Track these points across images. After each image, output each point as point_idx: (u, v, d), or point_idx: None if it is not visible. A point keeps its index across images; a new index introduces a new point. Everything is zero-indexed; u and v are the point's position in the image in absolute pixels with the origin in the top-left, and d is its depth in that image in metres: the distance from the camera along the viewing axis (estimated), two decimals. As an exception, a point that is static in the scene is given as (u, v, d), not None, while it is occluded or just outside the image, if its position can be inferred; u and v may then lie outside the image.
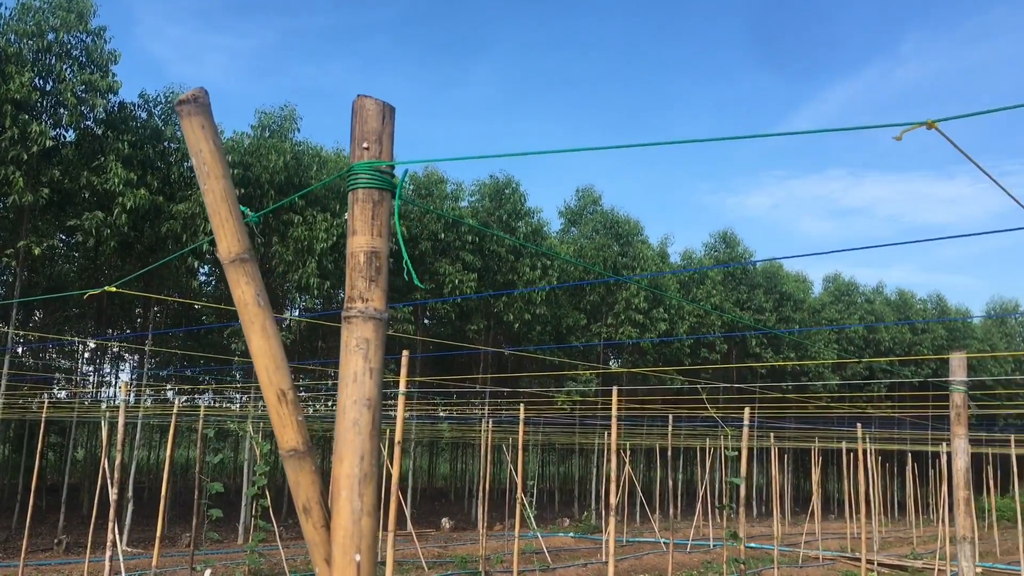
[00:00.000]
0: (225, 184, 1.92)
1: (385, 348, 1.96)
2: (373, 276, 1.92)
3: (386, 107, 1.99)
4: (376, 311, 1.91)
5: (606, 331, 33.82)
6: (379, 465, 1.90)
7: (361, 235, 1.93)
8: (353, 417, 1.85)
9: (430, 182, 29.92)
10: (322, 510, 1.90)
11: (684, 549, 23.93)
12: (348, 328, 1.90)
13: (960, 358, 5.13)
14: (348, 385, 1.87)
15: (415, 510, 33.79)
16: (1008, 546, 28.55)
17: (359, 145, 1.96)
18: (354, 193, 1.94)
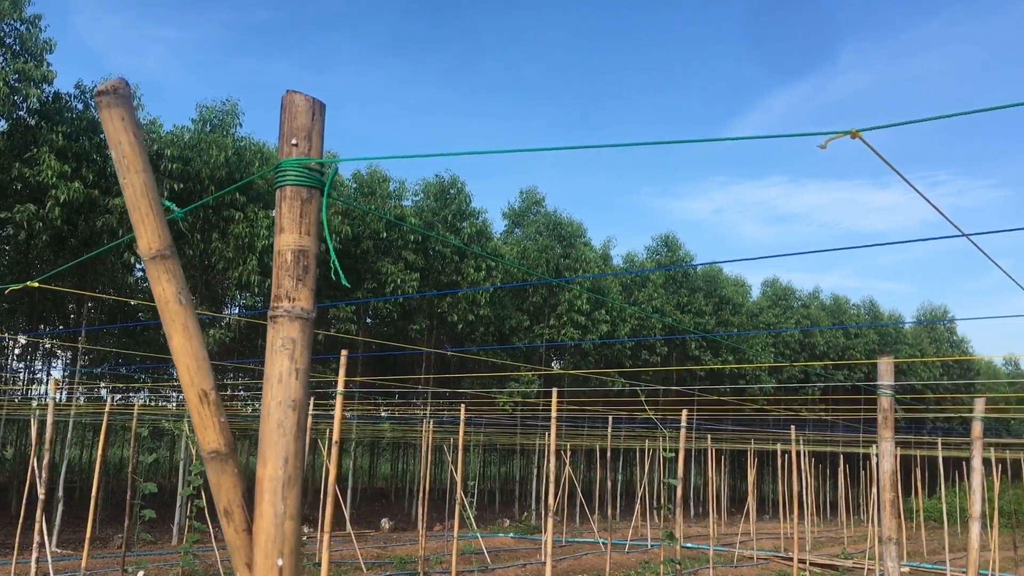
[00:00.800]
0: (146, 178, 1.87)
1: (314, 348, 1.93)
2: (300, 275, 1.89)
3: (316, 103, 1.96)
4: (303, 311, 1.88)
5: (548, 332, 33.94)
6: (304, 467, 1.87)
7: (289, 233, 1.89)
8: (278, 418, 1.82)
9: (373, 180, 29.71)
10: (244, 513, 1.87)
11: (623, 549, 24.11)
12: (274, 328, 1.87)
13: (887, 363, 5.23)
14: (273, 386, 1.84)
15: (355, 511, 33.52)
16: (934, 546, 29.33)
17: (288, 141, 1.92)
18: (282, 190, 1.91)
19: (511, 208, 38.07)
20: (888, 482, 5.20)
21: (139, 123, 1.89)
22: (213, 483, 1.87)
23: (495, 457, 52.12)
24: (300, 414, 1.84)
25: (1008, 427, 47.56)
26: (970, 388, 50.98)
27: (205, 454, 1.86)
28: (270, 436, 1.82)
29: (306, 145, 1.93)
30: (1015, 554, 25.68)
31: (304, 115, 1.94)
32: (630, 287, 39.02)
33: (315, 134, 1.95)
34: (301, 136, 1.92)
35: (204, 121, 24.79)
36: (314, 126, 1.95)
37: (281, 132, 1.94)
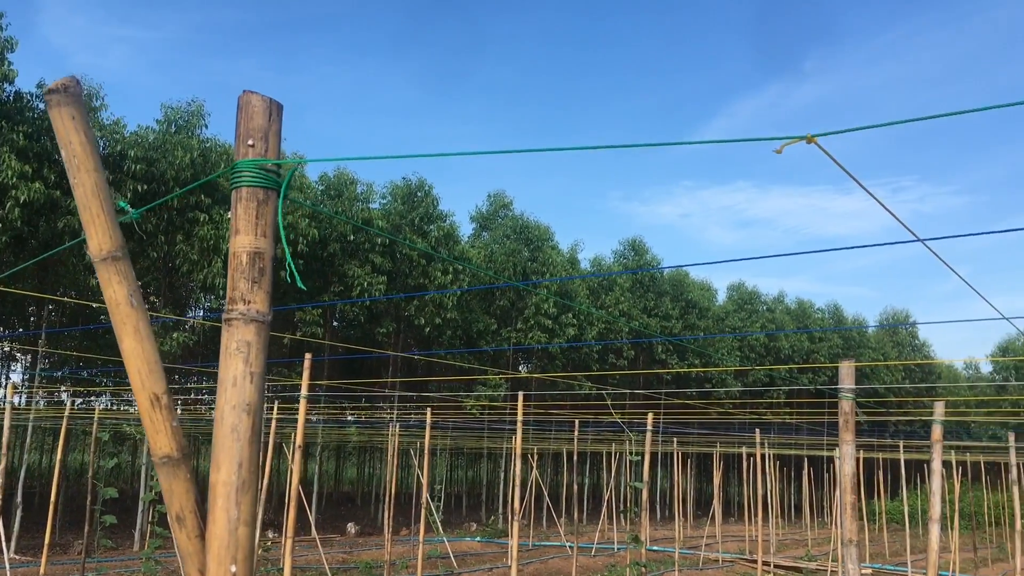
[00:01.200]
0: (97, 178, 1.83)
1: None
2: (256, 277, 1.86)
3: (273, 104, 1.93)
4: (259, 313, 1.85)
5: (516, 336, 33.94)
6: (259, 473, 1.84)
7: (244, 235, 1.87)
8: (232, 423, 1.79)
9: (340, 183, 29.54)
10: (197, 519, 1.84)
11: (589, 553, 24.16)
12: (228, 331, 1.84)
13: (849, 366, 5.29)
14: (227, 389, 1.81)
15: (320, 515, 33.24)
16: (896, 547, 29.70)
17: (244, 142, 1.90)
18: (238, 192, 1.88)
19: (479, 211, 38.06)
20: (849, 485, 5.25)
21: (89, 122, 1.86)
22: (165, 489, 1.84)
23: (462, 461, 51.98)
24: (255, 418, 1.82)
25: (968, 430, 48.33)
26: (931, 392, 51.71)
27: (157, 460, 1.83)
28: (224, 441, 1.79)
29: (263, 146, 1.90)
30: (975, 555, 26.05)
31: (261, 116, 1.91)
32: (597, 291, 39.13)
33: (272, 135, 1.92)
34: (257, 137, 1.90)
35: (169, 122, 24.51)
36: (271, 127, 1.92)
37: (237, 133, 1.92)
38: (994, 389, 51.10)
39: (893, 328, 58.88)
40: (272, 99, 1.93)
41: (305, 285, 28.89)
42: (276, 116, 1.94)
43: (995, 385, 51.76)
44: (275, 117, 1.94)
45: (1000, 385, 51.23)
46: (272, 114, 1.93)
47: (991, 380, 53.87)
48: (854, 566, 5.17)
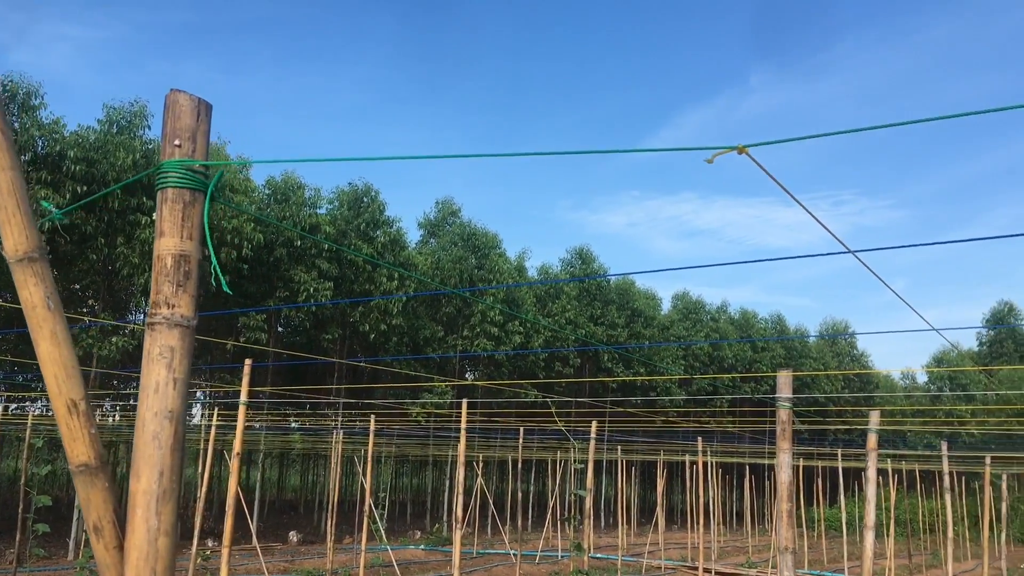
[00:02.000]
0: (13, 176, 1.77)
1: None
2: (181, 281, 1.82)
3: (202, 103, 1.89)
4: (183, 318, 1.81)
5: (462, 343, 33.87)
6: (181, 482, 1.79)
7: (169, 237, 1.82)
8: (153, 430, 1.75)
9: (287, 187, 29.21)
10: (115, 529, 1.78)
11: (533, 560, 24.16)
12: (151, 335, 1.79)
13: (786, 376, 5.36)
14: (149, 396, 1.76)
15: (263, 523, 32.77)
16: (834, 554, 30.21)
17: (170, 142, 1.85)
18: (163, 193, 1.84)
19: (427, 218, 37.94)
20: (786, 492, 5.31)
21: (7, 118, 1.79)
22: (83, 498, 1.78)
23: (408, 468, 51.66)
24: (177, 426, 1.77)
25: (905, 439, 49.43)
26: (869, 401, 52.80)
27: (73, 468, 1.77)
28: (145, 448, 1.75)
29: (190, 146, 1.86)
30: (910, 562, 26.63)
31: (188, 115, 1.87)
32: (544, 299, 39.24)
33: (200, 135, 1.88)
34: (185, 137, 1.86)
35: (111, 122, 24.02)
36: (199, 127, 1.88)
37: (164, 132, 1.88)
38: (929, 399, 52.34)
39: (833, 339, 60.02)
40: (201, 99, 1.89)
41: (249, 290, 28.50)
42: (205, 116, 1.90)
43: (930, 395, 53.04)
44: (204, 117, 1.89)
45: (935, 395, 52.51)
46: (201, 114, 1.89)
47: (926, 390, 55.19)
48: (790, 572, 5.23)
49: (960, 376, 51.88)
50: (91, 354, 24.52)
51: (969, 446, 44.03)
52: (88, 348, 23.78)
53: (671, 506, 52.60)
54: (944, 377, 52.96)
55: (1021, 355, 56.90)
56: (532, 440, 33.23)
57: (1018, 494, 39.33)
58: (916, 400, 52.63)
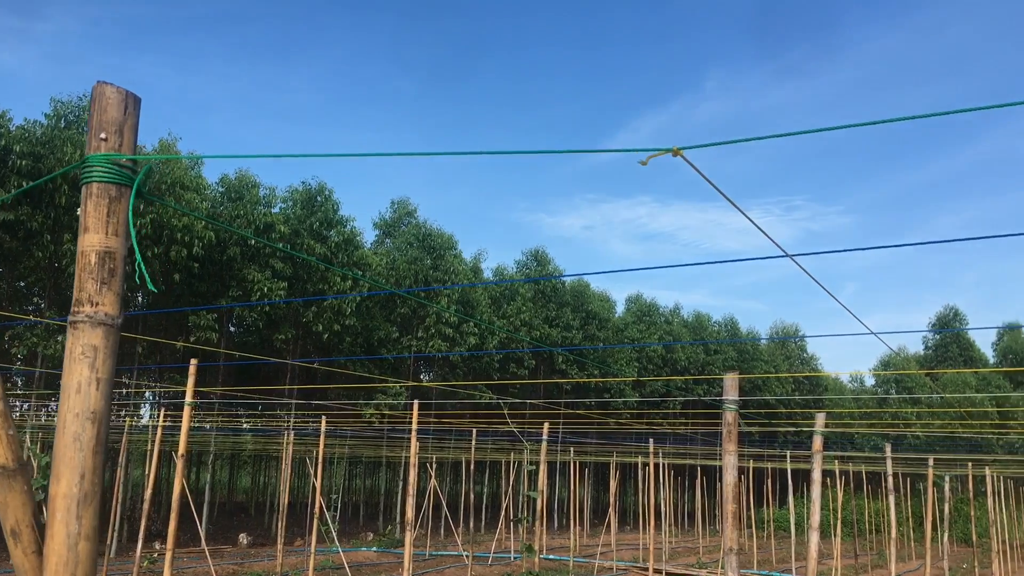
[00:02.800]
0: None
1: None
2: (105, 278, 1.77)
3: (130, 96, 1.84)
4: (107, 316, 1.76)
5: (417, 344, 33.73)
6: (103, 484, 1.75)
7: (94, 233, 1.77)
8: (75, 432, 1.70)
9: (241, 185, 28.86)
10: (34, 534, 1.73)
11: (486, 562, 24.12)
12: (74, 334, 1.74)
13: (733, 378, 5.40)
14: (71, 396, 1.71)
15: (212, 526, 32.32)
16: (783, 555, 30.60)
17: (96, 135, 1.80)
18: (88, 187, 1.79)
19: (382, 218, 37.72)
20: (731, 494, 5.35)
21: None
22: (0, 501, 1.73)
23: (361, 470, 51.33)
24: (100, 427, 1.72)
25: (852, 441, 50.24)
26: (819, 403, 53.58)
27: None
28: (65, 451, 1.70)
29: (116, 140, 1.81)
30: (856, 562, 27.06)
31: (116, 108, 1.82)
32: (499, 300, 39.23)
33: (127, 129, 1.83)
34: (111, 130, 1.81)
35: (59, 116, 23.55)
36: (127, 120, 1.84)
37: (90, 125, 1.83)
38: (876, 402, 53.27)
39: (783, 342, 60.82)
40: (129, 91, 1.85)
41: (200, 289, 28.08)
42: (133, 109, 1.85)
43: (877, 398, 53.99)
44: (132, 110, 1.85)
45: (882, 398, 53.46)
46: (128, 107, 1.84)
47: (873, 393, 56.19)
48: (734, 573, 5.27)
49: (906, 379, 52.88)
50: (36, 353, 24.00)
51: (914, 448, 44.89)
52: (33, 347, 23.27)
53: (624, 507, 52.89)
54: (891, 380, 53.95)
55: (965, 359, 58.15)
56: (486, 441, 33.19)
57: (961, 495, 40.18)
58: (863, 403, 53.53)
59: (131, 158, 1.82)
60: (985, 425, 44.05)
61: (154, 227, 24.86)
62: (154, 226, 24.84)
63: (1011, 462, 41.06)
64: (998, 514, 26.24)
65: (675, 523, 42.58)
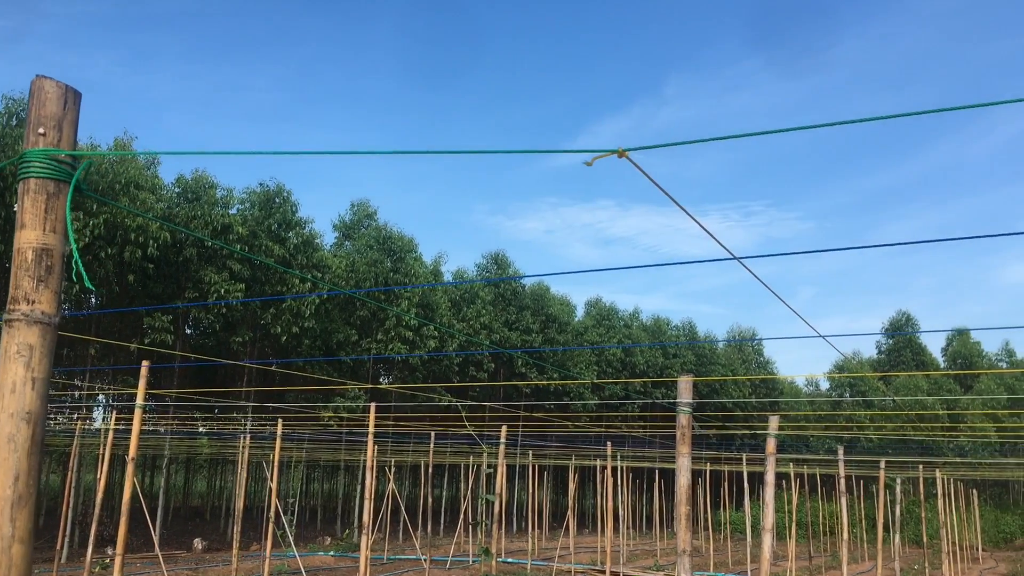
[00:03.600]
0: None
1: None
2: (43, 276, 1.74)
3: (70, 91, 1.81)
4: (44, 315, 1.72)
5: (376, 347, 33.56)
6: (39, 487, 1.71)
7: (31, 229, 1.74)
8: (9, 432, 1.66)
9: (199, 186, 28.50)
10: (-35, 537, 1.69)
11: (444, 565, 24.05)
12: (9, 332, 1.71)
13: (687, 381, 5.45)
14: (5, 396, 1.67)
15: (166, 531, 31.84)
16: (739, 556, 30.90)
17: (35, 130, 1.77)
18: (25, 183, 1.75)
19: (342, 220, 37.48)
20: (684, 496, 5.39)
21: None
22: (-70, 504, 1.68)
23: (320, 473, 50.93)
24: (36, 428, 1.69)
25: (808, 444, 50.91)
26: (774, 407, 54.22)
27: (-81, 471, 1.67)
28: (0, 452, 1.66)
29: (55, 135, 1.78)
30: (810, 563, 27.40)
31: (55, 103, 1.79)
32: (459, 304, 39.17)
33: (67, 124, 1.80)
34: (50, 125, 1.78)
35: (10, 113, 23.10)
36: (66, 115, 1.80)
37: (28, 120, 1.79)
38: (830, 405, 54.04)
39: (740, 345, 61.46)
40: (69, 86, 1.82)
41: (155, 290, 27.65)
42: (72, 104, 1.82)
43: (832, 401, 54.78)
44: (71, 105, 1.82)
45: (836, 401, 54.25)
46: (68, 102, 1.81)
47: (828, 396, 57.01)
48: (687, 575, 5.31)
49: (860, 383, 53.70)
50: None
51: (868, 451, 45.61)
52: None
53: (583, 510, 53.05)
54: (845, 384, 54.75)
55: (917, 363, 59.23)
56: (445, 445, 33.12)
57: (913, 498, 40.87)
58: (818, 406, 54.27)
59: (70, 154, 1.79)
60: (936, 428, 44.88)
61: (108, 227, 24.49)
62: (108, 226, 24.47)
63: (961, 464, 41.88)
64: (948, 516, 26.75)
65: (633, 526, 42.80)
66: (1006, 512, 47.65)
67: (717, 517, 42.45)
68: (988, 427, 46.21)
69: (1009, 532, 45.63)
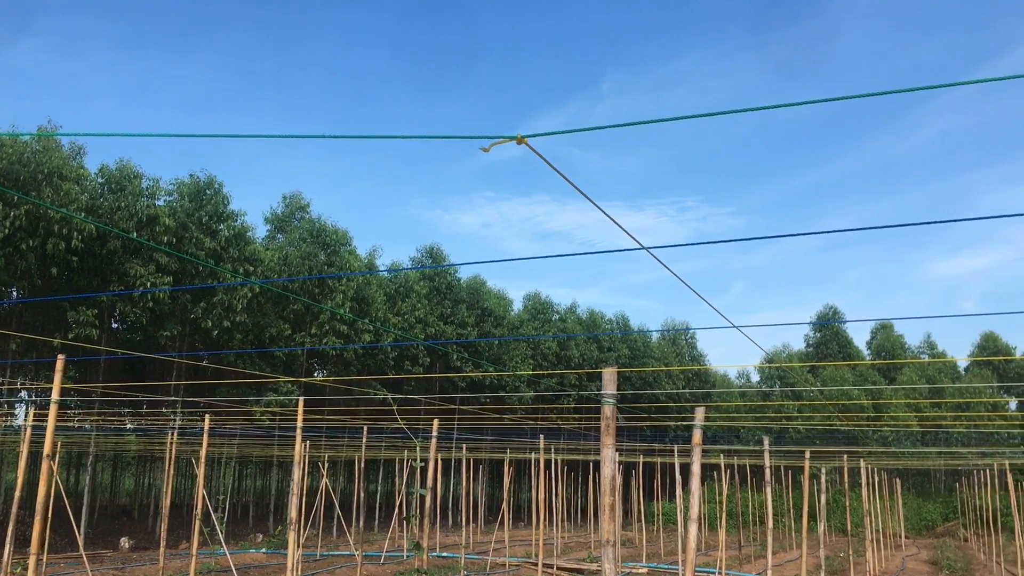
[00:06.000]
0: None
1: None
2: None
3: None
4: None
5: (310, 341, 33.19)
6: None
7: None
8: None
9: (123, 176, 27.81)
10: None
11: (378, 561, 23.93)
12: None
13: (611, 372, 5.49)
14: None
15: (92, 530, 31.09)
16: (671, 547, 31.36)
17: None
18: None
19: (274, 213, 36.93)
20: (608, 487, 5.44)
21: None
22: None
23: (252, 470, 50.22)
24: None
25: (739, 435, 51.88)
26: (707, 398, 55.09)
27: None
28: None
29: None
30: (740, 553, 27.93)
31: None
32: (394, 298, 38.96)
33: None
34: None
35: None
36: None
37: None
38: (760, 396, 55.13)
39: (673, 339, 62.26)
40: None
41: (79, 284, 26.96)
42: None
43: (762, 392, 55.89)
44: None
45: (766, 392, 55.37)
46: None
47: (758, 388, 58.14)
48: (611, 565, 5.36)
49: (789, 375, 54.90)
50: None
51: (796, 441, 46.66)
52: None
53: (519, 504, 53.28)
54: (775, 376, 55.89)
55: (844, 355, 60.75)
56: (379, 439, 32.93)
57: (839, 487, 41.96)
58: (749, 398, 55.31)
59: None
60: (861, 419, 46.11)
61: (29, 219, 23.77)
62: (29, 218, 23.76)
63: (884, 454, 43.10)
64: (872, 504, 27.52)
65: (569, 518, 43.14)
66: (928, 500, 49.19)
67: (650, 509, 43.00)
68: (910, 417, 47.63)
69: (931, 519, 47.12)
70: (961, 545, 37.76)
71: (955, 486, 46.53)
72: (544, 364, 44.92)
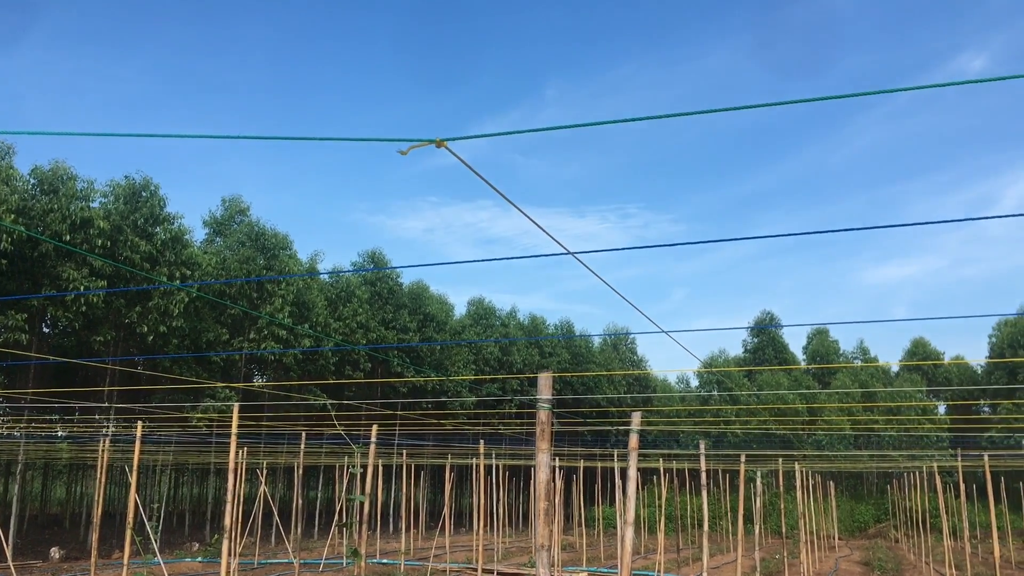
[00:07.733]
0: None
1: None
2: None
3: None
4: None
5: (249, 346, 32.73)
6: None
7: None
8: None
9: (56, 177, 27.14)
10: None
11: (317, 568, 23.70)
12: None
13: (547, 377, 5.54)
14: None
15: (20, 540, 30.22)
16: (611, 551, 31.59)
17: None
18: None
19: (212, 216, 36.36)
20: (543, 491, 5.48)
21: None
22: None
23: (189, 477, 49.31)
24: None
25: (678, 439, 52.50)
26: (647, 403, 55.65)
27: None
28: None
29: None
30: (678, 555, 28.27)
31: None
32: (335, 302, 38.64)
33: None
34: None
35: None
36: None
37: None
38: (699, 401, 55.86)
39: (615, 345, 62.78)
40: None
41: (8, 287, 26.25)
42: None
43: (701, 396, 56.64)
44: None
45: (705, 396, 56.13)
46: None
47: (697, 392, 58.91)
48: (546, 570, 5.40)
49: (727, 380, 55.71)
50: None
51: (733, 445, 47.36)
52: None
53: (461, 509, 53.17)
54: (713, 381, 56.68)
55: (779, 361, 61.85)
56: (318, 445, 32.60)
57: (775, 490, 42.72)
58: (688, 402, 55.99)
59: None
60: (796, 423, 47.01)
61: (-45, 220, 23.08)
62: (-45, 219, 23.07)
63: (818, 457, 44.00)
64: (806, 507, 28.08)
65: (510, 523, 43.19)
66: (860, 502, 50.32)
67: (591, 513, 43.27)
68: (843, 421, 48.70)
69: (863, 521, 48.22)
70: (892, 546, 38.70)
71: (887, 488, 47.65)
72: (486, 369, 44.95)
